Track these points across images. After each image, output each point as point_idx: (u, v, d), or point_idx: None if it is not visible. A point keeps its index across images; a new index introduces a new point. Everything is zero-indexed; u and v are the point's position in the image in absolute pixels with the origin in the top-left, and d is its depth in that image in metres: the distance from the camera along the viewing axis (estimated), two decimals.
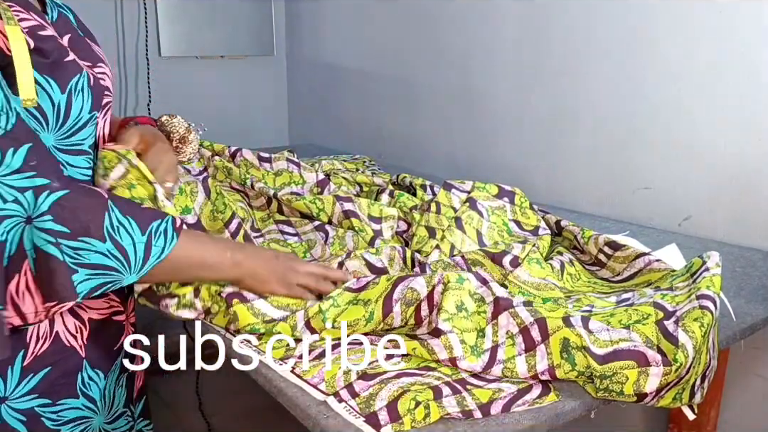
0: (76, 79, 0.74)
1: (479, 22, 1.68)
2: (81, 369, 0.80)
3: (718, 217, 1.25)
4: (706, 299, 0.73)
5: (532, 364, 0.69)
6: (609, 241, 1.01)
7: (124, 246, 0.69)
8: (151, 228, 0.71)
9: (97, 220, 0.68)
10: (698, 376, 0.71)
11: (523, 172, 1.64)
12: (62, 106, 0.73)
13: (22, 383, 0.75)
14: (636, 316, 0.76)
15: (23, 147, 0.66)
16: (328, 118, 2.42)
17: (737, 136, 1.20)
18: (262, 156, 1.25)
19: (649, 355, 0.66)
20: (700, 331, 0.69)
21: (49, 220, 0.65)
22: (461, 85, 1.78)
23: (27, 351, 0.75)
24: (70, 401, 0.79)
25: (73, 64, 0.74)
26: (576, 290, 0.94)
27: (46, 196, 0.65)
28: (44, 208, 0.65)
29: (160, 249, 0.72)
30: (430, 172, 1.84)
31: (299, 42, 2.51)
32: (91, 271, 0.68)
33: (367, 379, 0.68)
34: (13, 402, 0.74)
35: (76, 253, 0.66)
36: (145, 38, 2.22)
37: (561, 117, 1.52)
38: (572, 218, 1.40)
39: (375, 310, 0.76)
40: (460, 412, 0.65)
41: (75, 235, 0.66)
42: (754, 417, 1.23)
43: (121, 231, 0.69)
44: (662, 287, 0.85)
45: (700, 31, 1.22)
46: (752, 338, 0.94)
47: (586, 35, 1.43)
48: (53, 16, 0.79)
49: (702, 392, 0.74)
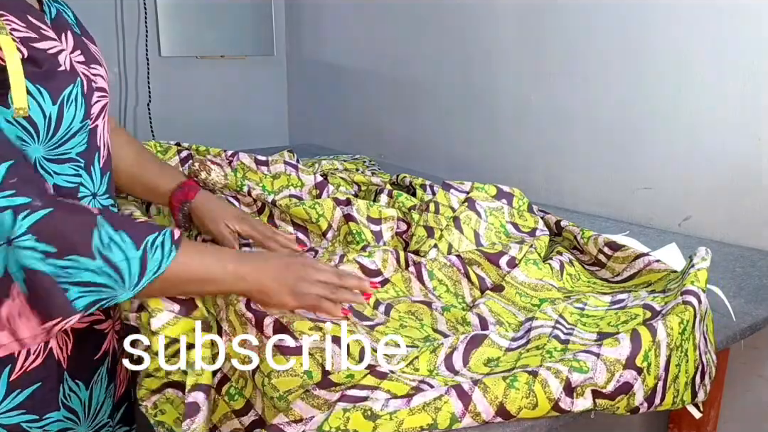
0: (69, 89, 0.72)
1: (480, 22, 1.68)
2: (62, 381, 0.79)
3: (718, 217, 1.25)
4: (688, 294, 0.73)
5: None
6: (609, 242, 1.01)
7: (116, 263, 0.65)
8: (146, 242, 0.67)
9: (84, 239, 0.64)
10: (691, 373, 0.71)
11: (523, 172, 1.64)
12: (53, 116, 0.71)
13: (7, 399, 0.73)
14: (625, 317, 0.77)
15: (3, 165, 0.62)
16: (328, 118, 2.42)
17: (737, 136, 1.20)
18: (259, 159, 1.25)
19: (630, 380, 0.65)
20: (678, 327, 0.68)
21: (31, 239, 0.61)
22: (461, 85, 1.78)
23: (15, 366, 0.73)
24: (55, 414, 0.78)
25: (66, 73, 0.73)
26: (576, 290, 0.94)
27: (25, 216, 0.61)
28: (23, 229, 0.61)
29: (157, 264, 0.68)
30: (431, 172, 1.83)
31: (299, 42, 2.51)
32: (84, 289, 0.64)
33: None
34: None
35: (66, 272, 0.63)
36: (145, 38, 2.22)
37: (561, 117, 1.52)
38: (572, 218, 1.40)
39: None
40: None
41: (61, 254, 0.62)
42: (754, 417, 1.23)
43: (113, 247, 0.65)
44: (657, 290, 0.85)
45: (700, 31, 1.22)
46: (752, 338, 0.94)
47: (586, 35, 1.43)
48: (52, 13, 0.78)
49: (705, 389, 0.73)
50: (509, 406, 0.62)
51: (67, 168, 0.76)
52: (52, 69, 0.71)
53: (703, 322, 0.75)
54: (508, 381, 0.63)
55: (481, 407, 0.62)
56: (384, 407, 0.60)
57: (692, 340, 0.71)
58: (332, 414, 0.59)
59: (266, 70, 2.58)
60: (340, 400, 0.61)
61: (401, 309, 0.88)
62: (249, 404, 0.69)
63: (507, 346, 0.75)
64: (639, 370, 0.65)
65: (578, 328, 0.77)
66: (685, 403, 0.71)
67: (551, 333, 0.75)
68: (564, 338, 0.74)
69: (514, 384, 0.62)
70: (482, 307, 0.87)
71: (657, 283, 0.89)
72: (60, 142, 0.74)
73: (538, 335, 0.75)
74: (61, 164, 0.75)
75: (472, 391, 0.62)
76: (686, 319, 0.70)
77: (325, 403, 0.62)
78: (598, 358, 0.64)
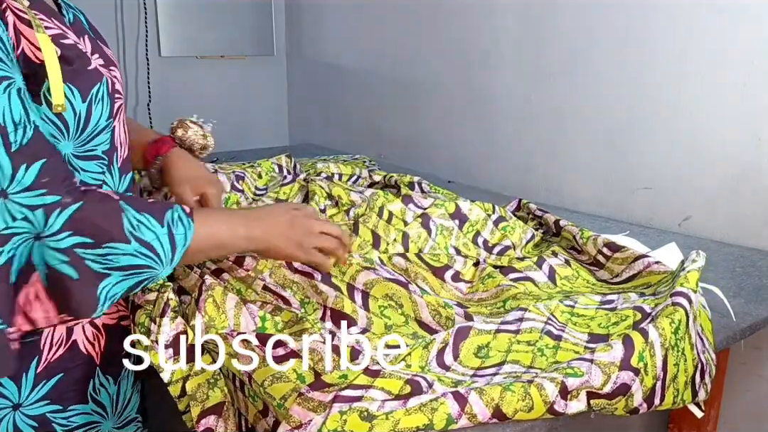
0: (97, 87, 0.74)
1: (480, 22, 1.68)
2: (93, 376, 0.81)
3: (718, 217, 1.25)
4: (678, 296, 0.73)
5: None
6: (608, 242, 1.01)
7: (149, 242, 0.69)
8: (167, 219, 0.71)
9: (117, 224, 0.67)
10: (690, 372, 0.71)
11: (523, 172, 1.64)
12: (83, 114, 0.73)
13: (35, 390, 0.75)
14: (615, 318, 0.77)
15: (36, 164, 0.65)
16: (328, 118, 2.42)
17: (737, 136, 1.20)
18: (238, 175, 1.34)
19: (628, 381, 0.65)
20: (670, 327, 0.69)
21: (68, 235, 0.64)
22: (462, 85, 1.78)
23: (41, 358, 0.75)
24: (79, 407, 0.80)
25: (94, 72, 0.75)
26: (575, 291, 0.94)
27: (59, 214, 0.64)
28: (57, 226, 0.64)
29: (183, 236, 0.72)
30: (431, 172, 1.84)
31: (299, 42, 2.51)
32: (125, 273, 0.68)
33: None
34: (26, 408, 0.75)
35: (105, 259, 0.66)
36: (145, 38, 2.22)
37: (561, 117, 1.52)
38: (572, 218, 1.40)
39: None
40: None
41: (99, 243, 0.65)
42: (754, 417, 1.23)
43: (142, 228, 0.68)
44: (647, 294, 0.85)
45: (700, 30, 1.22)
46: (752, 338, 0.94)
47: (586, 35, 1.43)
48: (69, 18, 0.80)
49: (705, 389, 0.74)
50: (505, 408, 0.62)
51: (93, 165, 0.78)
52: (82, 67, 0.73)
53: (697, 322, 0.75)
54: (504, 385, 0.63)
55: (477, 409, 0.62)
56: (380, 408, 0.60)
57: (688, 339, 0.71)
58: (329, 417, 0.59)
59: (266, 70, 2.58)
60: (335, 401, 0.61)
61: (378, 294, 0.86)
62: (266, 406, 0.69)
63: (496, 328, 0.75)
64: (636, 371, 0.65)
65: (569, 327, 0.77)
66: (685, 402, 0.71)
67: (543, 329, 0.75)
68: (557, 334, 0.74)
69: (510, 387, 0.63)
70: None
71: (656, 285, 0.89)
72: (87, 139, 0.75)
73: (530, 328, 0.75)
74: (87, 161, 0.77)
75: (468, 393, 0.63)
76: (677, 319, 0.70)
77: (320, 404, 0.62)
78: (592, 363, 0.65)
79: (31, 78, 0.68)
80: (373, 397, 0.62)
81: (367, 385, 0.64)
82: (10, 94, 0.64)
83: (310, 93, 2.53)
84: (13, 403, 0.75)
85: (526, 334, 0.74)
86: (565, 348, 0.72)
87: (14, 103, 0.64)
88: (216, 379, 0.74)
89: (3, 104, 0.63)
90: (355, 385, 0.64)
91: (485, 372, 0.69)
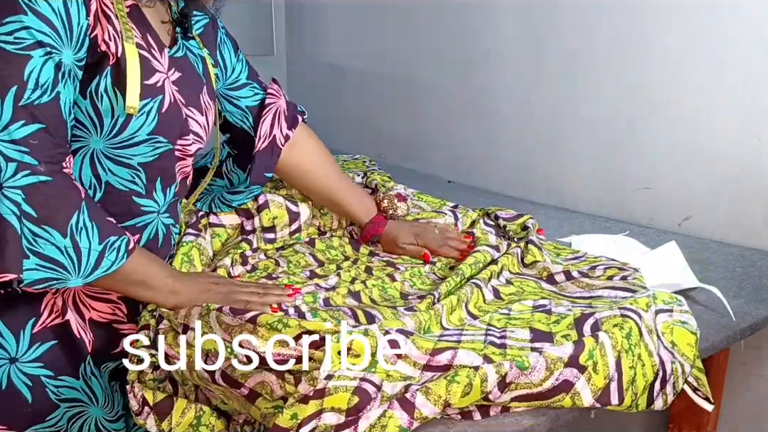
0: (145, 102, 0.77)
1: (480, 21, 1.68)
2: (84, 361, 0.83)
3: (718, 217, 1.25)
4: (626, 310, 0.75)
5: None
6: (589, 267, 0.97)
7: (81, 248, 0.71)
8: (108, 241, 0.73)
9: (65, 214, 0.69)
10: (650, 379, 0.72)
11: (523, 172, 1.64)
12: (120, 121, 0.76)
13: (31, 349, 0.79)
14: (555, 317, 0.79)
15: (34, 125, 0.68)
16: (329, 118, 2.42)
17: (737, 136, 1.20)
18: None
19: (570, 378, 0.67)
20: (620, 332, 0.71)
21: (20, 195, 0.66)
22: (462, 85, 1.78)
23: (38, 320, 0.79)
24: (70, 380, 0.82)
25: (150, 88, 0.78)
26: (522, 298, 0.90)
27: (26, 174, 0.67)
28: (16, 183, 0.66)
29: (110, 263, 0.74)
30: (431, 172, 1.84)
31: (299, 42, 2.51)
32: (42, 262, 0.68)
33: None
34: (22, 365, 0.79)
35: (35, 239, 0.68)
36: None
37: (561, 117, 1.52)
38: (572, 218, 1.41)
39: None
40: (458, 413, 0.66)
41: (39, 221, 0.68)
42: (754, 417, 1.23)
43: (83, 233, 0.71)
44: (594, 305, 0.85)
45: (700, 31, 1.22)
46: (752, 338, 0.94)
47: (586, 35, 1.43)
48: (177, 53, 0.86)
49: (664, 398, 0.74)
50: (452, 399, 0.64)
51: (124, 172, 0.81)
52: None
53: (653, 334, 0.75)
54: (449, 378, 0.65)
55: (427, 410, 0.63)
56: None
57: (644, 347, 0.72)
58: None
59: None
60: None
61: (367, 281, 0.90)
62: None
63: (437, 339, 0.73)
64: (582, 368, 0.67)
65: (509, 329, 0.76)
66: (639, 408, 0.72)
67: (485, 340, 0.73)
68: (500, 343, 0.73)
69: (455, 379, 0.65)
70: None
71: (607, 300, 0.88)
72: (121, 145, 0.79)
73: (472, 340, 0.73)
74: (118, 166, 0.80)
75: (414, 397, 0.63)
76: (628, 327, 0.72)
77: None
78: (540, 354, 0.67)
79: (91, 67, 0.73)
80: (327, 423, 0.61)
81: (318, 411, 0.62)
82: (46, 61, 0.68)
83: (310, 93, 2.53)
84: (10, 356, 0.79)
85: (468, 344, 0.72)
86: (512, 355, 0.70)
87: (46, 70, 0.68)
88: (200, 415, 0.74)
89: (36, 65, 0.68)
90: (308, 418, 0.62)
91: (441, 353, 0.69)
